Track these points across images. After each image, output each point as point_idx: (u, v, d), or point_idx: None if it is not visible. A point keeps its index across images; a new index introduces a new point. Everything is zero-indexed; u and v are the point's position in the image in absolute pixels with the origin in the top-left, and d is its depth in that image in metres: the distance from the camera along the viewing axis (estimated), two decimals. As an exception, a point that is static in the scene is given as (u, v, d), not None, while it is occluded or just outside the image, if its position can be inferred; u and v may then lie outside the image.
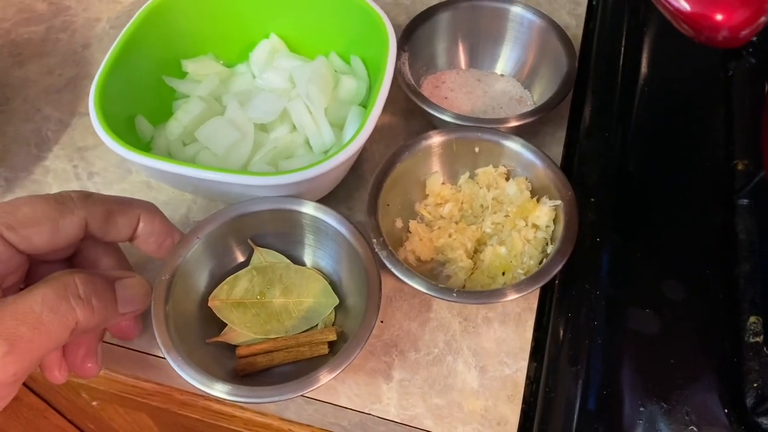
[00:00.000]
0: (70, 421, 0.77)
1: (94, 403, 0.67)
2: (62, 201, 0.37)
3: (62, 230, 0.37)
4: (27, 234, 0.36)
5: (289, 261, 0.44)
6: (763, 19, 0.31)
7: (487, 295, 0.40)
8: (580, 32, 0.59)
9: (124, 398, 0.62)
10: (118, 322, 0.40)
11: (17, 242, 0.35)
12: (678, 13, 0.30)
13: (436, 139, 0.46)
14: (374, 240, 0.42)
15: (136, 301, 0.38)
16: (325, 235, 0.43)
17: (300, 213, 0.43)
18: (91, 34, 0.61)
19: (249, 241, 0.44)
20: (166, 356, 0.38)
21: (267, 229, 0.44)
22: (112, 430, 0.73)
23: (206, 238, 0.42)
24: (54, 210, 0.36)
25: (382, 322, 0.44)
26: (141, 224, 0.40)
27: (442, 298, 0.40)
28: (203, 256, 0.42)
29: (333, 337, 0.42)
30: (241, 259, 0.44)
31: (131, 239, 0.41)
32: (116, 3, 0.63)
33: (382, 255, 0.41)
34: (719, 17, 0.30)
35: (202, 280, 0.43)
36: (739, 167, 0.51)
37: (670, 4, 0.30)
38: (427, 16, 0.52)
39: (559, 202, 0.43)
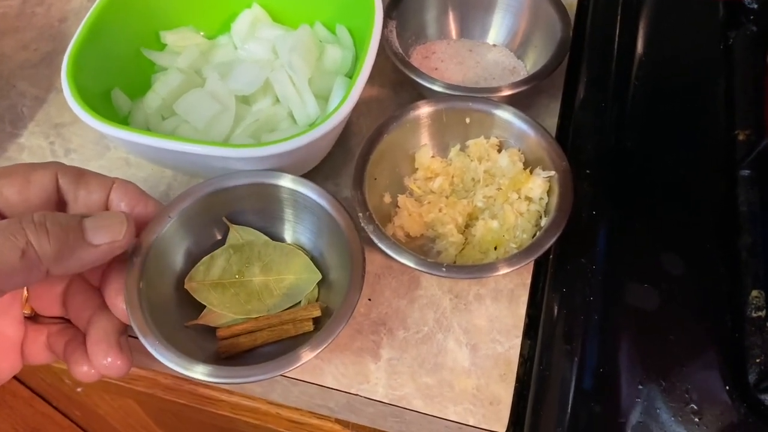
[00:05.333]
0: (56, 408, 0.75)
1: (78, 389, 0.65)
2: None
3: (33, 182, 0.35)
4: None
5: (267, 238, 0.42)
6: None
7: (479, 269, 0.38)
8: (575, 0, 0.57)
9: (107, 384, 0.60)
10: (94, 257, 0.35)
11: None
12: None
13: (425, 110, 0.44)
14: (360, 214, 0.40)
15: (108, 230, 0.35)
16: (304, 209, 0.41)
17: (278, 187, 0.41)
18: (68, 7, 0.59)
19: (224, 219, 0.42)
20: (142, 340, 0.36)
21: (244, 206, 0.42)
22: (99, 416, 0.71)
23: (180, 215, 0.40)
24: (25, 164, 0.36)
25: (369, 300, 0.43)
26: (113, 188, 0.38)
27: (431, 274, 0.38)
28: (177, 234, 0.40)
29: (317, 312, 0.40)
30: (218, 237, 0.43)
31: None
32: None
33: (369, 230, 0.39)
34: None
35: (177, 260, 0.41)
36: (741, 138, 0.49)
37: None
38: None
39: (553, 172, 0.41)
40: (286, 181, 0.41)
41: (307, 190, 0.41)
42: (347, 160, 0.49)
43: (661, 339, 0.41)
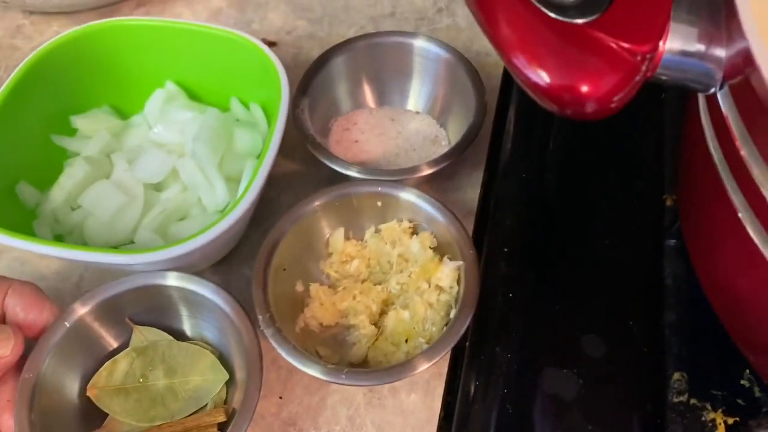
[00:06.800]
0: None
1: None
2: None
3: None
4: None
5: (171, 338, 0.41)
6: (637, 77, 0.28)
7: (379, 375, 0.37)
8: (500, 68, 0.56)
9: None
10: None
11: None
12: (536, 87, 0.27)
13: (332, 196, 0.43)
14: (260, 317, 0.39)
15: None
16: (203, 307, 0.40)
17: (167, 287, 0.40)
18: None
19: (127, 320, 0.41)
20: None
21: (144, 305, 0.41)
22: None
23: (77, 323, 0.39)
24: None
25: (281, 398, 0.41)
26: (9, 293, 0.37)
27: (332, 382, 0.37)
28: (76, 342, 0.39)
29: (222, 418, 0.38)
30: (122, 339, 0.41)
31: None
32: (14, 49, 0.59)
33: (268, 333, 0.38)
34: (585, 88, 0.27)
35: (78, 367, 0.40)
36: (668, 203, 0.48)
37: (525, 77, 0.27)
38: (323, 61, 0.49)
39: (461, 262, 0.40)
40: (176, 280, 0.40)
41: (202, 289, 0.39)
42: (265, 242, 0.47)
43: (580, 428, 0.39)
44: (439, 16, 0.59)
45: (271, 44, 0.57)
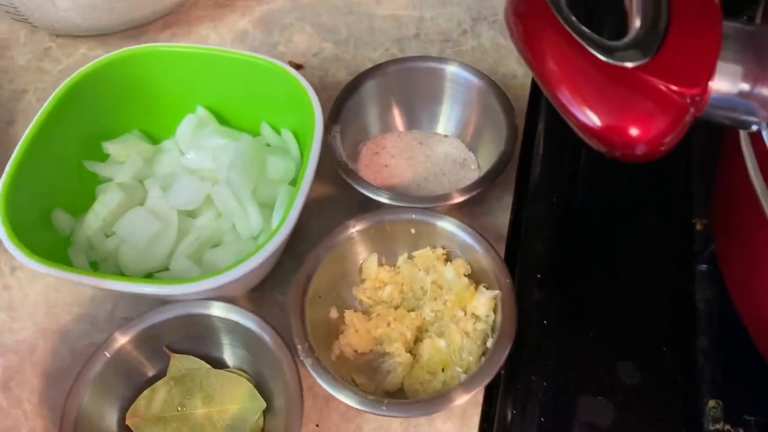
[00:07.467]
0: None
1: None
2: None
3: None
4: None
5: (209, 366, 0.42)
6: (687, 119, 0.28)
7: (418, 406, 0.37)
8: (528, 80, 0.56)
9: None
10: None
11: None
12: (586, 129, 0.27)
13: (367, 224, 0.43)
14: (299, 346, 0.39)
15: None
16: (243, 336, 0.40)
17: (210, 316, 0.40)
18: (17, 108, 0.58)
19: (165, 349, 0.41)
20: None
21: (183, 333, 0.41)
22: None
23: (117, 352, 0.39)
24: None
25: (317, 426, 0.42)
26: None
27: (371, 413, 0.37)
28: (115, 371, 0.40)
29: (261, 447, 0.39)
30: (159, 366, 0.42)
31: None
32: (42, 72, 0.60)
33: (307, 363, 0.38)
34: (635, 131, 0.27)
35: (116, 396, 0.40)
36: (698, 227, 0.48)
37: (575, 117, 0.27)
38: (354, 86, 0.49)
39: (497, 292, 0.40)
40: (220, 311, 0.40)
41: (244, 320, 0.40)
42: (296, 267, 0.47)
43: (616, 457, 0.40)
44: (464, 37, 0.59)
45: (298, 67, 0.57)
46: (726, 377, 0.42)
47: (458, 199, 0.44)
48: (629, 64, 0.27)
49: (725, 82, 0.28)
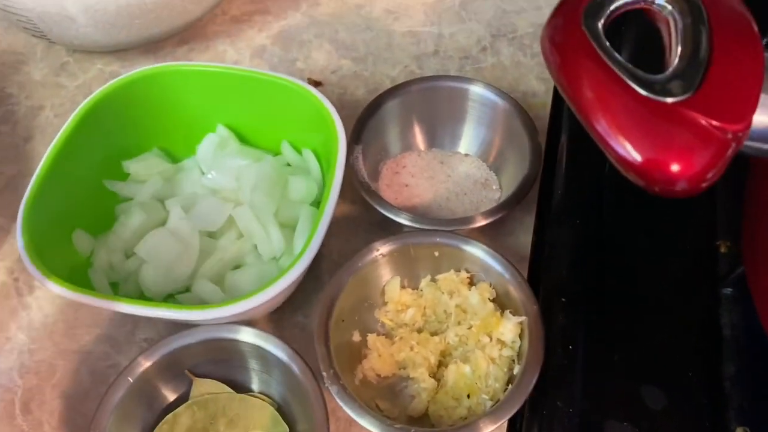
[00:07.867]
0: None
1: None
2: None
3: None
4: None
5: (231, 390, 0.41)
6: (728, 154, 0.28)
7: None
8: (549, 99, 0.56)
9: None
10: None
11: None
12: (626, 164, 0.27)
13: (390, 247, 0.43)
14: (324, 373, 0.39)
15: None
16: (268, 361, 0.40)
17: (238, 341, 0.40)
18: (34, 124, 0.58)
19: (187, 372, 0.41)
20: None
21: (206, 357, 0.41)
22: None
23: (140, 377, 0.39)
24: None
25: (340, 450, 0.41)
26: None
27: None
28: (138, 395, 0.39)
29: (285, 472, 0.39)
30: (179, 390, 0.41)
31: None
32: (59, 87, 0.59)
33: (333, 391, 0.38)
34: (675, 167, 0.26)
35: (138, 421, 0.40)
36: (722, 250, 0.48)
37: (614, 150, 0.27)
38: (375, 106, 0.49)
39: (524, 318, 0.40)
40: (247, 336, 0.40)
41: (270, 346, 0.40)
42: (317, 288, 0.47)
43: (643, 485, 0.39)
44: (484, 54, 0.59)
45: (317, 84, 0.57)
46: (754, 404, 0.41)
47: (481, 222, 0.44)
48: (670, 100, 0.27)
49: (766, 115, 0.28)
